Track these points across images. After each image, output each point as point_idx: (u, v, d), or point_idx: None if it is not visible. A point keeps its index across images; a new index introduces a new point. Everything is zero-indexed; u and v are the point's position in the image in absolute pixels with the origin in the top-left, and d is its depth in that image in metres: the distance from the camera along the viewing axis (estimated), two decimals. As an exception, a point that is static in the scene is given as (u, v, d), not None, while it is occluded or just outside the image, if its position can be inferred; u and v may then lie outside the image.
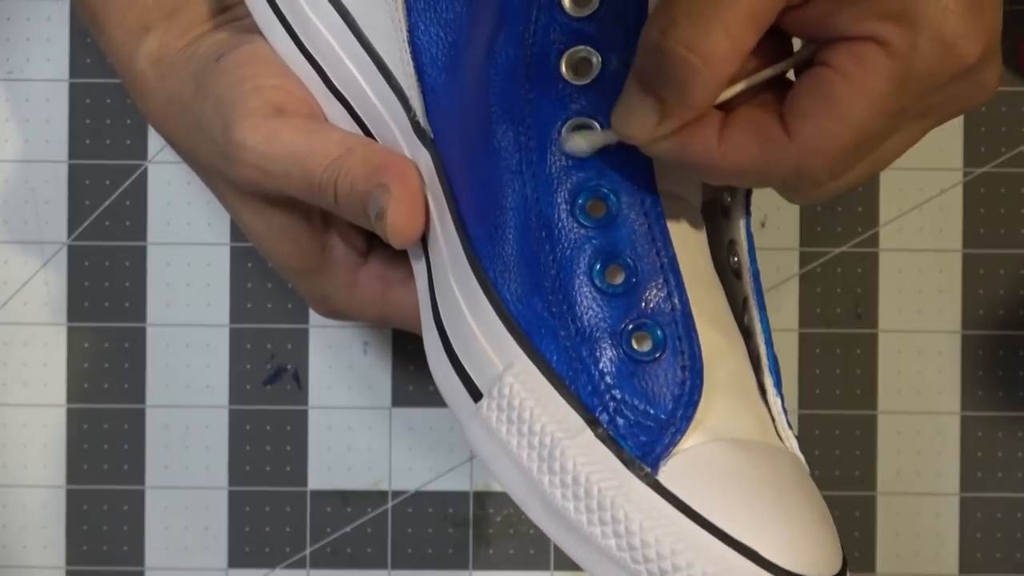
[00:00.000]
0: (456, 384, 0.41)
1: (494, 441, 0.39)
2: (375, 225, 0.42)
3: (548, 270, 0.40)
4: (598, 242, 0.39)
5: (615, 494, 0.38)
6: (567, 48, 0.40)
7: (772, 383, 0.42)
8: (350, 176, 0.42)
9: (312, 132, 0.43)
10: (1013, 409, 0.56)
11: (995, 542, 0.56)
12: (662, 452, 0.38)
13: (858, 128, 0.36)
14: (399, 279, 0.46)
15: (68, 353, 0.56)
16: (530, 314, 0.40)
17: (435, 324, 0.42)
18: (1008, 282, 0.56)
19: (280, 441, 0.56)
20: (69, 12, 0.56)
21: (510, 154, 0.40)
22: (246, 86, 0.44)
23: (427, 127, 0.42)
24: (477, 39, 0.41)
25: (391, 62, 0.43)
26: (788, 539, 0.37)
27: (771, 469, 0.39)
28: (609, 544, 0.37)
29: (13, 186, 0.56)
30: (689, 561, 0.37)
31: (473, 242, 0.41)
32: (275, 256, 0.46)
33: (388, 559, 0.56)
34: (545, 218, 0.40)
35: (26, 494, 0.56)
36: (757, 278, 0.43)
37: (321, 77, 0.44)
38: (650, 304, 0.39)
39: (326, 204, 0.43)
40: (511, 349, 0.40)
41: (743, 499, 0.38)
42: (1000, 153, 0.56)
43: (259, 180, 0.43)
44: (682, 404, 0.39)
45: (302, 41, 0.44)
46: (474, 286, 0.40)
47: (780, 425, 0.42)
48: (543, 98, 0.40)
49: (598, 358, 0.39)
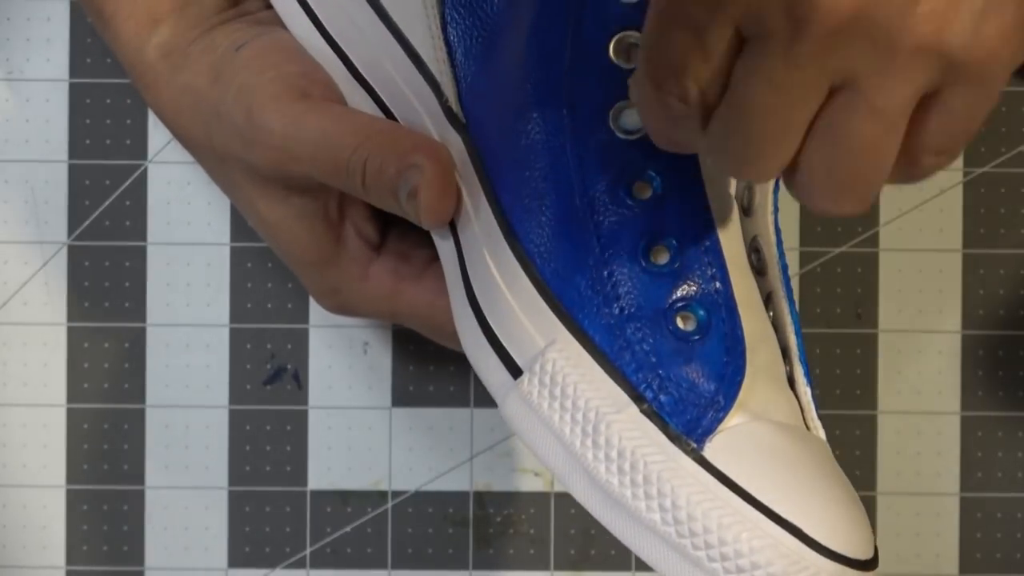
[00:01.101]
0: (493, 361, 0.41)
1: (534, 417, 0.39)
2: (406, 206, 0.42)
3: (592, 249, 0.40)
4: (643, 222, 0.40)
5: (661, 468, 0.38)
6: (616, 33, 0.40)
7: (802, 373, 0.42)
8: (380, 157, 0.42)
9: (338, 116, 0.43)
10: (1013, 409, 0.56)
11: (995, 542, 0.56)
12: (708, 429, 0.38)
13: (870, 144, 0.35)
14: (411, 274, 0.46)
15: (68, 353, 0.56)
16: (573, 292, 0.40)
17: (469, 303, 0.42)
18: (1008, 282, 0.56)
19: (280, 441, 0.56)
20: (69, 12, 0.56)
21: (554, 137, 0.40)
22: (269, 73, 0.44)
23: (459, 112, 0.43)
24: (516, 26, 0.41)
25: (422, 49, 0.43)
26: (830, 519, 0.38)
27: (809, 452, 0.40)
28: (654, 518, 0.37)
29: (13, 186, 0.56)
30: (736, 535, 0.37)
31: (511, 222, 0.41)
32: (289, 247, 0.46)
33: (388, 559, 0.56)
34: (590, 198, 0.40)
35: (26, 494, 0.56)
36: (786, 271, 0.43)
37: (345, 64, 0.44)
38: (694, 284, 0.40)
39: (352, 187, 0.43)
40: (553, 326, 0.40)
41: (787, 478, 0.38)
42: (1000, 153, 0.56)
43: (284, 164, 0.43)
44: (726, 384, 0.39)
45: (325, 28, 0.45)
46: (513, 264, 0.41)
47: (809, 415, 0.42)
48: (591, 82, 0.40)
49: (643, 336, 0.39)
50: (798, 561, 0.37)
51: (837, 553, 0.37)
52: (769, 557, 0.37)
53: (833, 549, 0.37)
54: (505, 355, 0.41)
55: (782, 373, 0.42)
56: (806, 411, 0.42)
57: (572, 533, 0.56)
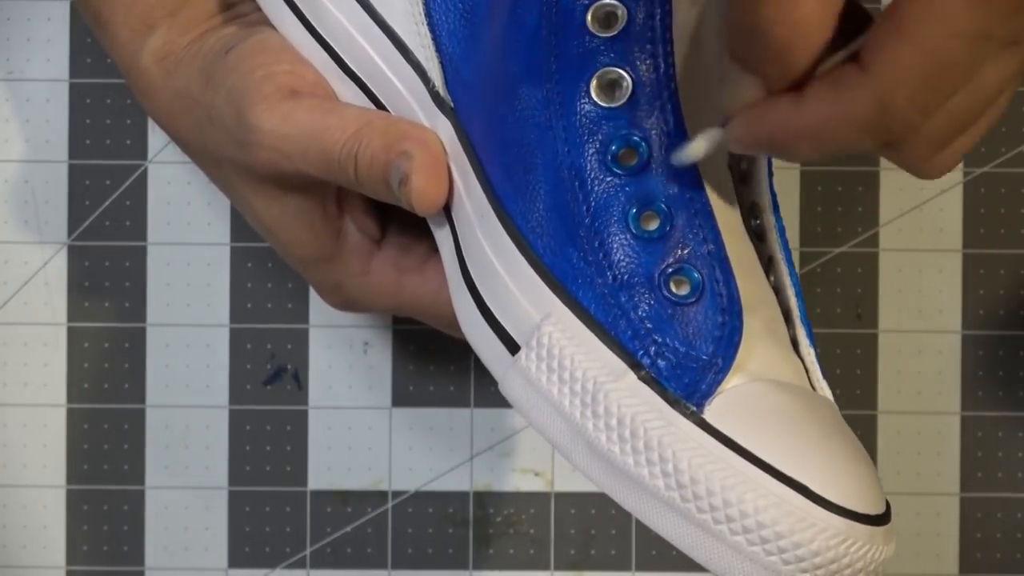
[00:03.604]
0: (492, 339, 0.41)
1: (534, 391, 0.39)
2: (398, 194, 0.42)
3: (582, 220, 0.40)
4: (632, 189, 0.40)
5: (662, 433, 0.38)
6: (593, 2, 0.40)
7: (805, 334, 0.42)
8: (370, 148, 0.43)
9: (328, 110, 0.44)
10: (1013, 409, 0.56)
11: (995, 542, 0.56)
12: (707, 391, 0.38)
13: (933, 52, 0.34)
14: (412, 266, 0.46)
15: (68, 353, 0.56)
16: (565, 264, 0.40)
17: (466, 284, 0.42)
18: (1008, 282, 0.56)
19: (280, 441, 0.56)
20: (69, 12, 0.56)
21: (539, 111, 0.41)
22: (258, 73, 0.44)
23: (447, 96, 0.43)
24: (496, 3, 0.42)
25: (407, 36, 0.43)
26: (836, 475, 0.37)
27: (813, 409, 0.39)
28: (657, 484, 0.37)
29: (13, 186, 0.56)
30: (740, 496, 0.37)
31: (502, 201, 0.41)
32: (289, 245, 0.47)
33: (388, 559, 0.56)
34: (577, 169, 0.40)
35: (26, 494, 0.56)
36: (783, 233, 0.43)
37: (333, 59, 0.45)
38: (686, 248, 0.40)
39: (345, 180, 0.43)
40: (548, 300, 0.40)
41: (790, 436, 0.38)
42: (1000, 153, 0.56)
43: (277, 162, 0.44)
44: (723, 345, 0.39)
45: (312, 24, 0.45)
46: (506, 242, 0.41)
47: (814, 376, 0.42)
48: (571, 52, 0.40)
49: (637, 303, 0.39)
50: (805, 518, 0.36)
51: (845, 508, 0.37)
52: (775, 516, 0.36)
53: (841, 504, 0.37)
54: (503, 333, 0.41)
55: (784, 335, 0.42)
56: (811, 372, 0.42)
57: (572, 533, 0.56)
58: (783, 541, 0.36)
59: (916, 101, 0.35)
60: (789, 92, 0.37)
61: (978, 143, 0.56)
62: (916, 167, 0.38)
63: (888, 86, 0.35)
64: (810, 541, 0.36)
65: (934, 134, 0.36)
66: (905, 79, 0.35)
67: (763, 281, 0.42)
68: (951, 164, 0.38)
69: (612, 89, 0.40)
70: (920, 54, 0.34)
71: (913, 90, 0.35)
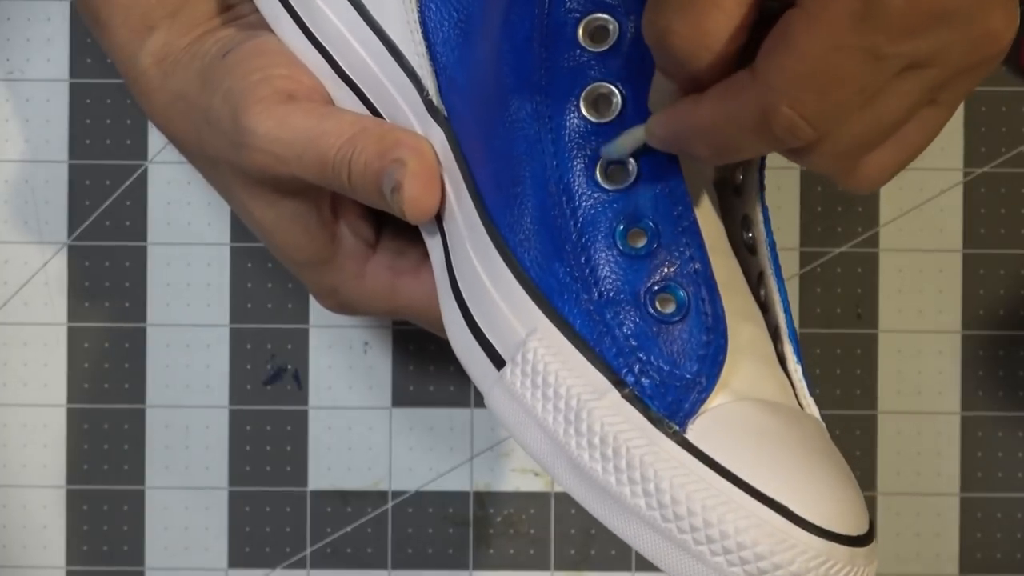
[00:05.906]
0: (478, 353, 0.41)
1: (518, 407, 0.39)
2: (391, 201, 0.42)
3: (569, 235, 0.40)
4: (619, 206, 0.40)
5: (644, 452, 0.38)
6: (584, 16, 0.40)
7: (792, 351, 0.42)
8: (364, 154, 0.43)
9: (323, 115, 0.44)
10: (1013, 409, 0.56)
11: (995, 542, 0.56)
12: (690, 411, 0.38)
13: (816, 63, 0.34)
14: (408, 269, 0.46)
15: (68, 353, 0.56)
16: (552, 279, 0.40)
17: (454, 296, 0.42)
18: (1008, 282, 0.56)
19: (280, 441, 0.56)
20: (69, 12, 0.56)
21: (529, 124, 0.41)
22: (255, 76, 0.44)
23: (440, 105, 0.43)
24: (490, 14, 0.42)
25: (402, 43, 0.43)
26: (818, 496, 0.37)
27: (798, 429, 0.39)
28: (639, 503, 0.37)
29: (13, 186, 0.56)
30: (720, 516, 0.37)
31: (491, 213, 0.41)
32: (285, 249, 0.47)
33: (388, 559, 0.56)
34: (566, 184, 0.40)
35: (26, 494, 0.56)
36: (773, 248, 0.43)
37: (330, 64, 0.45)
38: (673, 266, 0.40)
39: (339, 185, 0.43)
40: (533, 315, 0.40)
41: (772, 456, 0.38)
42: (1000, 153, 0.56)
43: (271, 166, 0.44)
44: (707, 364, 0.39)
45: (309, 29, 0.45)
46: (494, 255, 0.41)
47: (801, 393, 0.42)
48: (561, 67, 0.40)
49: (622, 320, 0.39)
50: (785, 539, 0.36)
51: (825, 529, 0.37)
52: (754, 537, 0.36)
53: (820, 526, 0.37)
54: (489, 347, 0.41)
55: (771, 352, 0.42)
56: (798, 389, 0.42)
57: (572, 533, 0.56)
58: (763, 562, 0.36)
59: (803, 111, 0.35)
60: (694, 93, 0.37)
61: (978, 143, 0.56)
62: (834, 178, 0.38)
63: (770, 92, 0.35)
64: (790, 562, 0.36)
65: (837, 147, 0.37)
66: (787, 87, 0.35)
67: (750, 299, 0.42)
68: (876, 180, 0.38)
69: (602, 104, 0.40)
70: (802, 63, 0.34)
71: (795, 99, 0.35)
